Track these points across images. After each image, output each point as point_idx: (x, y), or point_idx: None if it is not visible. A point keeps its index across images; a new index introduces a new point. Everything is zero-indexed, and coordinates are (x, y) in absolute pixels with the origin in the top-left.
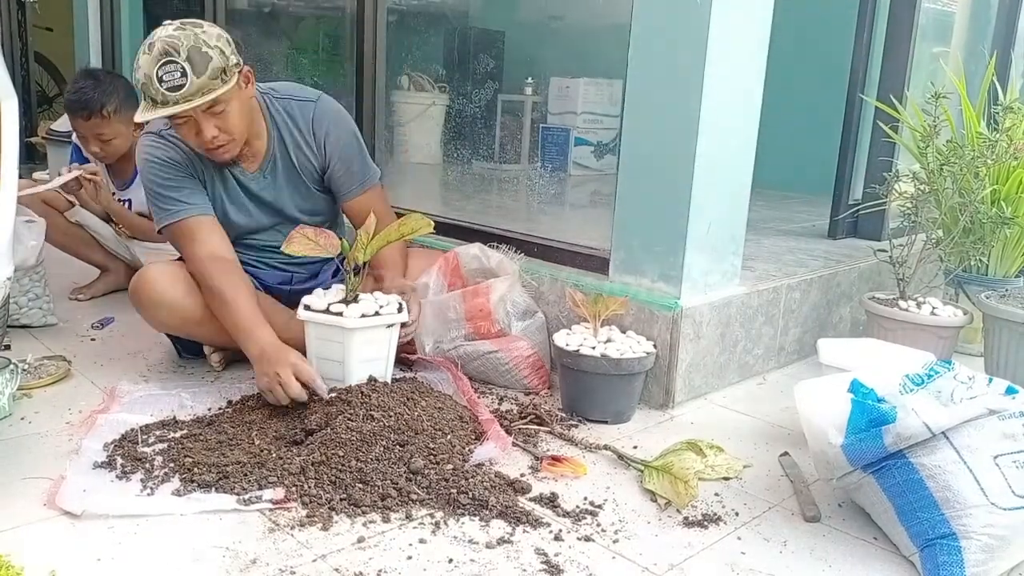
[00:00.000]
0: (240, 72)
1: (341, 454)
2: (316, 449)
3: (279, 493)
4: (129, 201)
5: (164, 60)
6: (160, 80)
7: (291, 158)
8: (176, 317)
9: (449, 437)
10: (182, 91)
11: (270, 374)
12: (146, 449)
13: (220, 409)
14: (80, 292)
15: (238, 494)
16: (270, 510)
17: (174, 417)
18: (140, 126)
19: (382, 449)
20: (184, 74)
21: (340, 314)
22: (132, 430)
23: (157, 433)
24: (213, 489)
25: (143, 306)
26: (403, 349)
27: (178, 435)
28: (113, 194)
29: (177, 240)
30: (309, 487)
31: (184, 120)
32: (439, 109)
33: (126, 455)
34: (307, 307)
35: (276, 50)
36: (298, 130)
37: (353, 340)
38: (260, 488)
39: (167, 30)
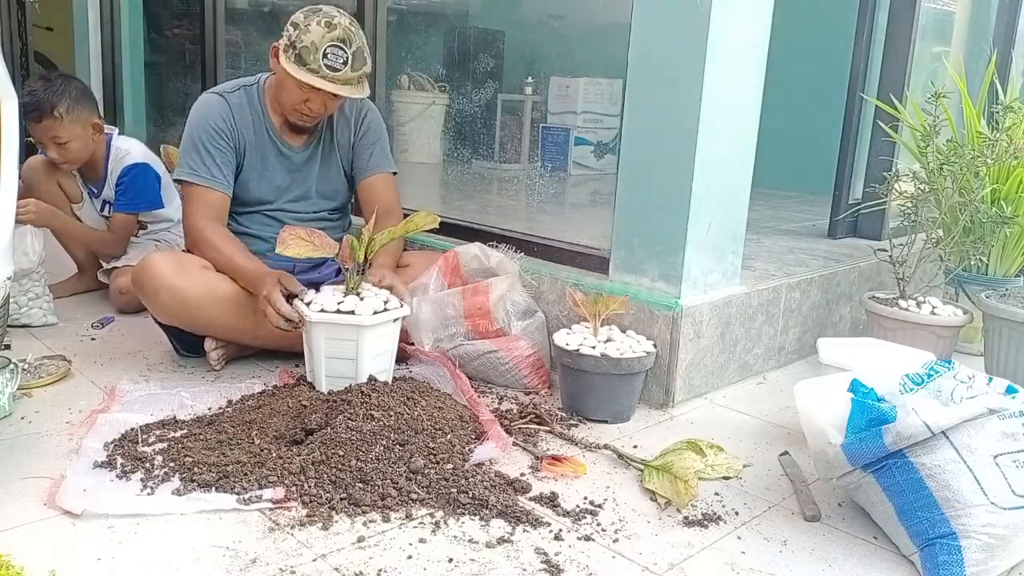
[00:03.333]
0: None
1: (341, 453)
2: (316, 448)
3: (279, 492)
4: (108, 204)
5: (337, 43)
6: (324, 55)
7: (333, 135)
8: (176, 301)
9: (449, 436)
10: (336, 74)
11: (261, 300)
12: (146, 448)
13: (220, 408)
14: (52, 290)
15: (238, 493)
16: (270, 509)
17: (174, 416)
18: (99, 129)
19: (382, 448)
20: (345, 63)
21: (351, 312)
22: (132, 429)
23: (157, 432)
24: (213, 489)
25: (145, 292)
26: (400, 338)
27: (178, 434)
28: (84, 195)
29: (187, 196)
30: (309, 486)
31: (311, 90)
32: (439, 109)
33: (126, 454)
34: (319, 309)
35: None
36: (343, 113)
37: (367, 336)
38: (260, 487)
39: (344, 19)
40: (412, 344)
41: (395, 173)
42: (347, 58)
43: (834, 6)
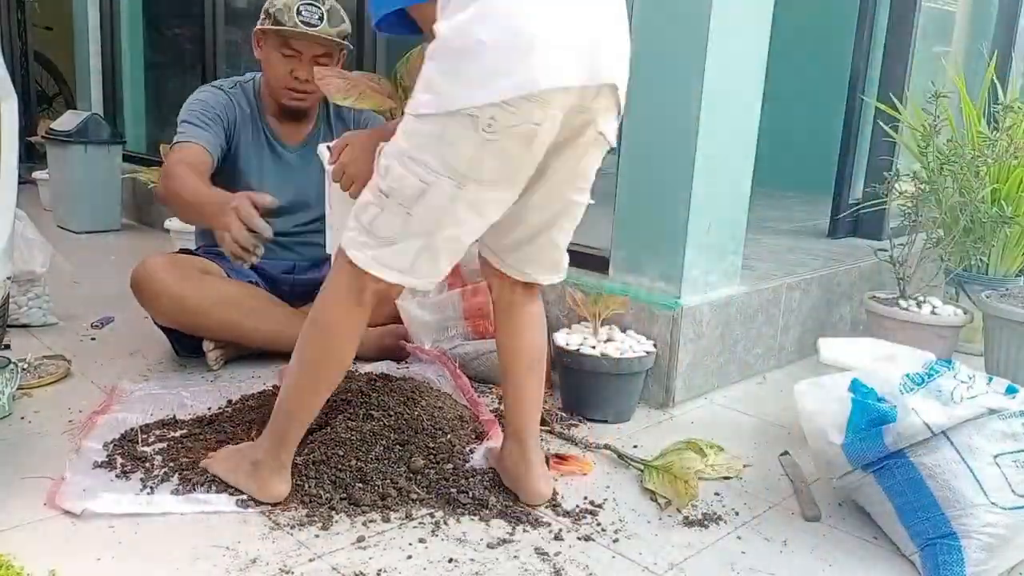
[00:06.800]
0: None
1: (341, 453)
2: (316, 448)
3: None
4: None
5: (309, 1)
6: (298, 12)
7: (332, 135)
8: (175, 305)
9: (449, 436)
10: (313, 29)
11: (218, 228)
12: (146, 448)
13: (220, 408)
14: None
15: (238, 494)
16: (270, 509)
17: (174, 416)
18: None
19: (382, 448)
20: (321, 19)
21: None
22: (132, 429)
23: (157, 432)
24: (213, 488)
25: (144, 296)
26: (400, 336)
27: (178, 434)
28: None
29: (173, 155)
30: (309, 486)
31: (293, 54)
32: None
33: (126, 455)
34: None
35: None
36: (341, 117)
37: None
38: None
39: None
40: (411, 343)
41: None
42: (322, 14)
43: (834, 6)
